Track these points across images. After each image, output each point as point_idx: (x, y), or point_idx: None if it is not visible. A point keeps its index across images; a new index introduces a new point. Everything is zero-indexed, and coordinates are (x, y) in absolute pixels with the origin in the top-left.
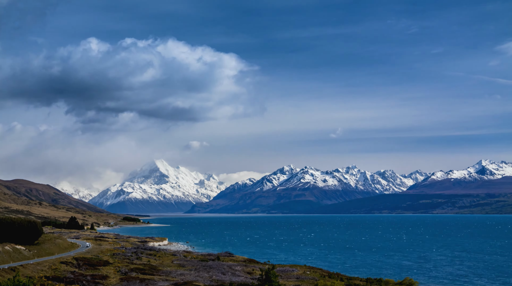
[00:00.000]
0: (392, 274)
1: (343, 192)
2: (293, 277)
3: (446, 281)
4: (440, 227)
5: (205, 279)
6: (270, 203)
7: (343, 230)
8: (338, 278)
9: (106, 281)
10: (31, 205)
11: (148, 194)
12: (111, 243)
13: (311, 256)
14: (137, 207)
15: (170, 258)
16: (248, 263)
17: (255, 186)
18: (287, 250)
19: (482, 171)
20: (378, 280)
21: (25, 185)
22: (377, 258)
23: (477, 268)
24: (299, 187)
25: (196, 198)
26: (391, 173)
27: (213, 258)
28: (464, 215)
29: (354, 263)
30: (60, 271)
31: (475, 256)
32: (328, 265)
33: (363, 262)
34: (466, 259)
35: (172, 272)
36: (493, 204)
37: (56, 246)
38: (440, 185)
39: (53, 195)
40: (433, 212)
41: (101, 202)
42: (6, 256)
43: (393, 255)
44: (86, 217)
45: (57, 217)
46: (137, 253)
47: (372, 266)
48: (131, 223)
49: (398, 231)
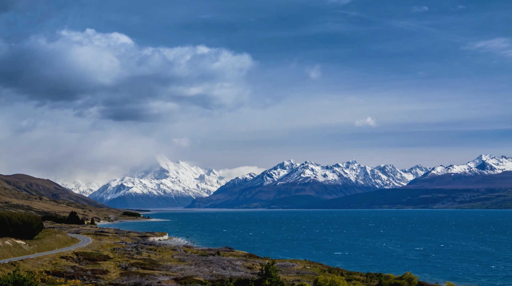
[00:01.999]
0: (392, 269)
1: (343, 187)
2: (293, 272)
3: (446, 275)
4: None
5: (206, 274)
6: (270, 198)
7: (341, 229)
8: (339, 273)
9: (107, 276)
10: (32, 200)
11: (148, 188)
12: (111, 238)
13: (311, 251)
14: (137, 201)
15: (171, 253)
16: (248, 258)
17: (255, 181)
18: (288, 245)
19: (482, 166)
20: (378, 275)
21: (25, 179)
22: (377, 252)
23: (475, 262)
24: (299, 182)
25: (196, 192)
26: (391, 167)
27: (213, 253)
28: (464, 210)
29: (355, 259)
30: (60, 266)
31: (472, 249)
32: (328, 260)
33: (364, 257)
34: (465, 254)
35: (172, 267)
36: (493, 198)
37: (56, 241)
38: (440, 179)
39: (53, 190)
40: (433, 206)
41: (101, 196)
42: (6, 250)
43: (394, 251)
44: (87, 212)
45: (58, 211)
46: (137, 248)
47: (373, 261)
48: (131, 217)
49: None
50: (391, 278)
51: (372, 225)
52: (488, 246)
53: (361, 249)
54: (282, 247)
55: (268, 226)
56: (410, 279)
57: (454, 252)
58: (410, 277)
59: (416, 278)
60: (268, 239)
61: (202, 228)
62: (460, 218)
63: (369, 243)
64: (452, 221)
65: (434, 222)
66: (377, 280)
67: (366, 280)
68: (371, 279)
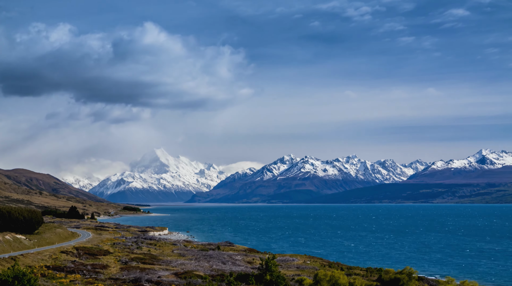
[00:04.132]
0: (392, 264)
1: (343, 182)
2: (293, 267)
3: (446, 269)
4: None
5: (206, 268)
6: (270, 193)
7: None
8: (339, 267)
9: (107, 271)
10: (32, 195)
11: (149, 183)
12: (111, 232)
13: (311, 246)
14: (137, 196)
15: (171, 247)
16: (248, 252)
17: (255, 176)
18: (288, 240)
19: (482, 161)
20: (378, 270)
21: (25, 174)
22: (376, 248)
23: (475, 257)
24: (299, 177)
25: (196, 187)
26: (391, 162)
27: (213, 247)
28: (464, 204)
29: (355, 254)
30: (60, 261)
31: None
32: (328, 255)
33: (364, 253)
34: (463, 248)
35: (172, 261)
36: (493, 193)
37: (56, 236)
38: (440, 174)
39: (53, 185)
40: (433, 201)
41: (102, 191)
42: (6, 245)
43: (393, 245)
44: (87, 207)
45: (58, 206)
46: (137, 242)
47: (372, 256)
48: (132, 212)
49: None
50: (391, 273)
51: (374, 218)
52: (487, 243)
53: (361, 244)
54: (282, 242)
55: (268, 221)
56: (410, 274)
57: (454, 247)
58: (410, 272)
59: (416, 272)
60: (268, 233)
61: (202, 223)
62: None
63: (369, 238)
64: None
65: (432, 217)
66: (377, 274)
67: (366, 275)
68: (371, 273)
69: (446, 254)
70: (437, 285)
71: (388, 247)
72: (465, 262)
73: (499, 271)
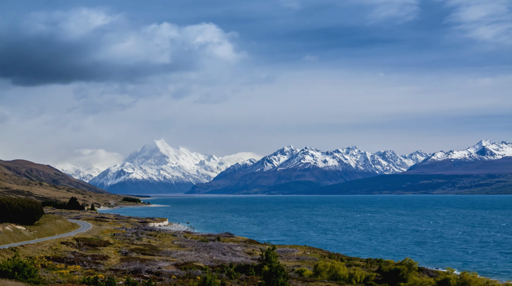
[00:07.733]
0: (392, 255)
1: (344, 173)
2: (293, 258)
3: (445, 260)
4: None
5: (206, 259)
6: (270, 184)
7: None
8: (338, 258)
9: (107, 262)
10: (32, 186)
11: (149, 174)
12: (112, 223)
13: (311, 237)
14: (137, 187)
15: (171, 238)
16: (248, 243)
17: (255, 167)
18: (288, 231)
19: (483, 151)
20: (378, 261)
21: (25, 165)
22: (377, 239)
23: (476, 247)
24: (299, 168)
25: (197, 178)
26: (391, 153)
27: (213, 238)
28: (463, 195)
29: (355, 245)
30: (60, 252)
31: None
32: (329, 246)
33: (364, 244)
34: (464, 239)
35: (172, 252)
36: (493, 184)
37: (56, 227)
38: (440, 165)
39: (53, 176)
40: (433, 192)
41: (102, 182)
42: (6, 236)
43: (392, 237)
44: (87, 198)
45: (58, 197)
46: (137, 233)
47: (372, 247)
48: (132, 203)
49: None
50: (391, 264)
51: (373, 209)
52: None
53: (362, 235)
54: (282, 233)
55: (268, 213)
56: (410, 265)
57: (456, 239)
58: (410, 263)
59: (416, 263)
60: (268, 224)
61: (202, 214)
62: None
63: (369, 229)
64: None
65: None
66: (377, 265)
67: (366, 266)
68: (371, 264)
69: (446, 246)
70: (437, 275)
71: (387, 239)
72: (466, 254)
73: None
